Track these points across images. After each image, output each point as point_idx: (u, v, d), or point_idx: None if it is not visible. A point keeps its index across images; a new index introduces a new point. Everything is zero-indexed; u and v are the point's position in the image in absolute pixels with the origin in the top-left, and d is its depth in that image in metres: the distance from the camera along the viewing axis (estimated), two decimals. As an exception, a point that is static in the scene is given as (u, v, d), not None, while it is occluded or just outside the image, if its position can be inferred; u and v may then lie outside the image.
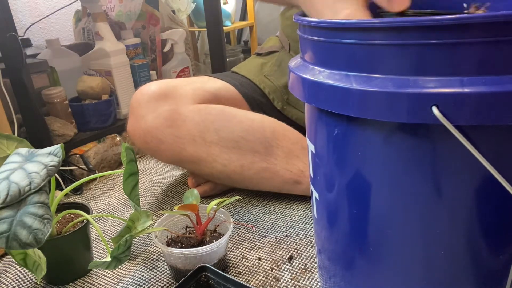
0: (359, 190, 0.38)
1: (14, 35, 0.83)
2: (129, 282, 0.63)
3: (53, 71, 1.08)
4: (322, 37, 0.36)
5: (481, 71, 0.28)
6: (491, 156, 0.30)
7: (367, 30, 0.31)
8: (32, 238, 0.48)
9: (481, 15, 0.27)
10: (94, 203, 0.90)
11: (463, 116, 0.28)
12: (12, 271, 0.68)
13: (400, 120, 0.31)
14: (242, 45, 2.12)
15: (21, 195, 0.49)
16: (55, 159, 0.54)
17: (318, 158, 0.42)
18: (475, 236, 0.34)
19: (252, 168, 0.77)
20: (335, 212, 0.42)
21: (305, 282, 0.60)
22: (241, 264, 0.65)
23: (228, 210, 0.81)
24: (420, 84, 0.30)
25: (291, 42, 0.96)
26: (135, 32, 1.29)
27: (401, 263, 0.38)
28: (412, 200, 0.35)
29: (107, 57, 1.11)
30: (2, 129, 0.80)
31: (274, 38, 1.03)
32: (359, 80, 0.33)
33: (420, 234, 0.36)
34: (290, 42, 0.96)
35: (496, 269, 0.35)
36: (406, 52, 0.30)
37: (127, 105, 1.15)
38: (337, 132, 0.38)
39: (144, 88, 0.79)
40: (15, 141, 0.60)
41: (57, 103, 1.01)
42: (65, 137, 0.99)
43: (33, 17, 1.36)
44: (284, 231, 0.73)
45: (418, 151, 0.33)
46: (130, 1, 1.25)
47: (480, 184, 0.32)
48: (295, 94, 0.41)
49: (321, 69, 0.37)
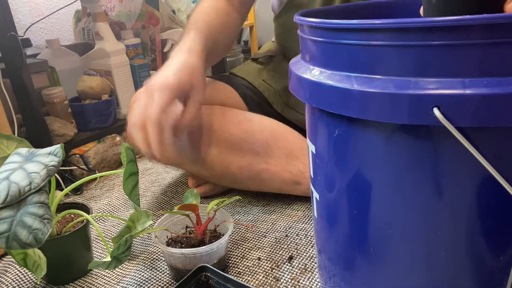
0: (360, 191, 0.38)
1: (14, 35, 0.83)
2: (129, 282, 0.63)
3: (53, 71, 1.08)
4: (323, 38, 0.36)
5: (482, 73, 0.28)
6: (492, 157, 0.30)
7: (368, 31, 0.31)
8: (32, 238, 0.48)
9: (482, 17, 0.27)
10: (94, 203, 0.90)
11: (464, 118, 0.28)
12: (12, 271, 0.67)
13: (401, 122, 0.31)
14: (242, 45, 2.12)
15: (21, 195, 0.49)
16: (55, 159, 0.54)
17: (318, 159, 0.42)
18: (475, 237, 0.34)
19: (252, 169, 0.77)
20: (336, 213, 0.42)
21: (305, 282, 0.60)
22: (241, 264, 0.65)
23: (228, 210, 0.81)
24: (422, 85, 0.30)
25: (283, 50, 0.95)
26: (135, 32, 1.28)
27: (401, 264, 0.38)
28: (413, 201, 0.35)
29: (107, 57, 1.10)
30: (2, 129, 0.80)
31: (270, 43, 1.03)
32: (360, 81, 0.33)
33: (421, 235, 0.36)
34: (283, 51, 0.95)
35: (496, 270, 0.35)
36: (408, 53, 0.30)
37: (127, 105, 1.15)
38: (338, 133, 0.38)
39: None
40: (15, 141, 0.60)
41: (57, 103, 1.01)
42: (65, 137, 0.99)
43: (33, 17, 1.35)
44: (284, 231, 0.73)
45: (419, 153, 0.33)
46: (130, 1, 1.25)
47: (481, 185, 0.32)
48: (296, 94, 0.41)
49: (322, 70, 0.37)
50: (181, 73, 0.63)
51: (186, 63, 0.65)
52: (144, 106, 0.61)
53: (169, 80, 0.62)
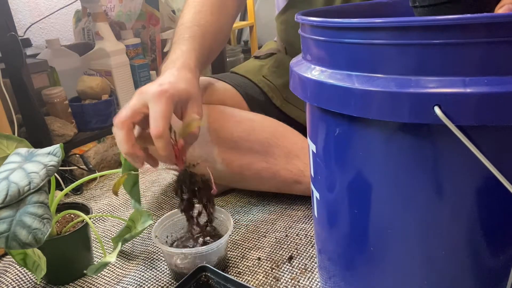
0: (361, 190, 0.38)
1: (14, 35, 0.83)
2: (129, 282, 0.63)
3: (53, 71, 1.08)
4: (324, 37, 0.36)
5: (483, 72, 0.28)
6: (492, 156, 0.30)
7: (369, 29, 0.31)
8: (32, 238, 0.48)
9: (483, 15, 0.27)
10: (94, 203, 0.90)
11: (465, 116, 0.28)
12: (12, 271, 0.67)
13: (402, 120, 0.31)
14: (242, 45, 2.12)
15: (20, 195, 0.49)
16: (54, 159, 0.54)
17: (319, 158, 0.42)
18: (476, 236, 0.34)
19: (252, 168, 0.77)
20: (336, 212, 0.42)
21: (305, 282, 0.60)
22: (241, 264, 0.65)
23: (228, 210, 0.81)
24: (423, 84, 0.30)
25: (286, 46, 0.96)
26: (135, 32, 1.28)
27: (401, 263, 0.38)
28: (414, 200, 0.35)
29: (107, 57, 1.10)
30: (2, 129, 0.80)
31: (272, 42, 1.04)
32: (361, 79, 0.33)
33: (421, 234, 0.36)
34: (285, 46, 0.96)
35: (496, 269, 0.35)
36: (409, 52, 0.30)
37: (127, 105, 1.15)
38: (339, 131, 0.38)
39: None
40: (15, 141, 0.60)
41: (57, 103, 1.01)
42: (65, 137, 0.99)
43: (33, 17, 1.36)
44: (284, 231, 0.73)
45: (420, 151, 0.33)
46: (130, 1, 1.25)
47: (482, 184, 0.32)
48: (297, 93, 0.41)
49: (323, 69, 0.37)
50: (176, 82, 0.59)
51: (179, 75, 0.62)
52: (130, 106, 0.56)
53: (164, 87, 0.56)
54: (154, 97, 0.55)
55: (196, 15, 0.74)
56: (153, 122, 0.53)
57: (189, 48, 0.68)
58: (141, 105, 0.55)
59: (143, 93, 0.57)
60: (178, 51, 0.68)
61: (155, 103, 0.54)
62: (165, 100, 0.54)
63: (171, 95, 0.56)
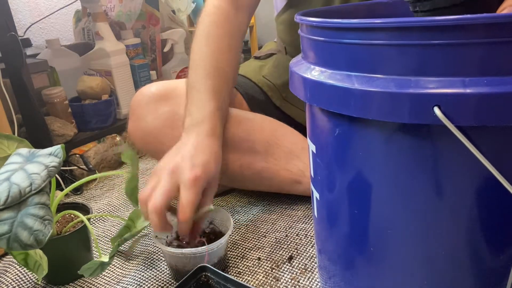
0: (360, 190, 0.38)
1: (14, 35, 0.83)
2: (129, 282, 0.63)
3: (53, 71, 1.08)
4: (324, 37, 0.36)
5: (483, 72, 0.28)
6: (492, 156, 0.30)
7: (369, 30, 0.31)
8: (33, 239, 0.48)
9: (483, 16, 0.27)
10: (94, 203, 0.90)
11: (464, 117, 0.28)
12: (12, 271, 0.67)
13: (402, 121, 0.31)
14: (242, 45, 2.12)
15: (21, 196, 0.49)
16: (55, 160, 0.54)
17: (319, 158, 0.42)
18: (476, 236, 0.34)
19: (252, 168, 0.77)
20: (336, 212, 0.42)
21: (305, 282, 0.60)
22: (241, 264, 0.65)
23: (228, 210, 0.81)
24: (422, 84, 0.30)
25: (286, 46, 0.96)
26: (135, 32, 1.29)
27: (401, 263, 0.38)
28: (413, 200, 0.35)
29: (107, 57, 1.10)
30: (2, 129, 0.80)
31: (272, 43, 1.04)
32: (361, 80, 0.33)
33: (421, 234, 0.36)
34: (285, 46, 0.96)
35: (496, 269, 0.35)
36: (408, 52, 0.30)
37: (127, 105, 1.15)
38: (339, 132, 0.38)
39: (144, 90, 0.79)
40: (15, 141, 0.60)
41: (57, 103, 1.01)
42: (65, 137, 0.99)
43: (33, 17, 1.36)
44: (284, 231, 0.73)
45: (420, 152, 0.33)
46: (130, 1, 1.25)
47: (481, 184, 0.32)
48: (297, 94, 0.41)
49: (323, 69, 0.37)
50: (209, 163, 0.60)
51: (210, 150, 0.62)
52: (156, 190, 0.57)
53: (198, 173, 0.57)
54: (187, 184, 0.57)
55: (214, 55, 0.71)
56: (182, 209, 0.56)
57: (215, 107, 0.67)
58: (174, 190, 0.57)
59: (175, 173, 0.58)
60: (203, 111, 0.66)
61: (187, 190, 0.57)
62: (196, 190, 0.57)
63: (203, 184, 0.58)
